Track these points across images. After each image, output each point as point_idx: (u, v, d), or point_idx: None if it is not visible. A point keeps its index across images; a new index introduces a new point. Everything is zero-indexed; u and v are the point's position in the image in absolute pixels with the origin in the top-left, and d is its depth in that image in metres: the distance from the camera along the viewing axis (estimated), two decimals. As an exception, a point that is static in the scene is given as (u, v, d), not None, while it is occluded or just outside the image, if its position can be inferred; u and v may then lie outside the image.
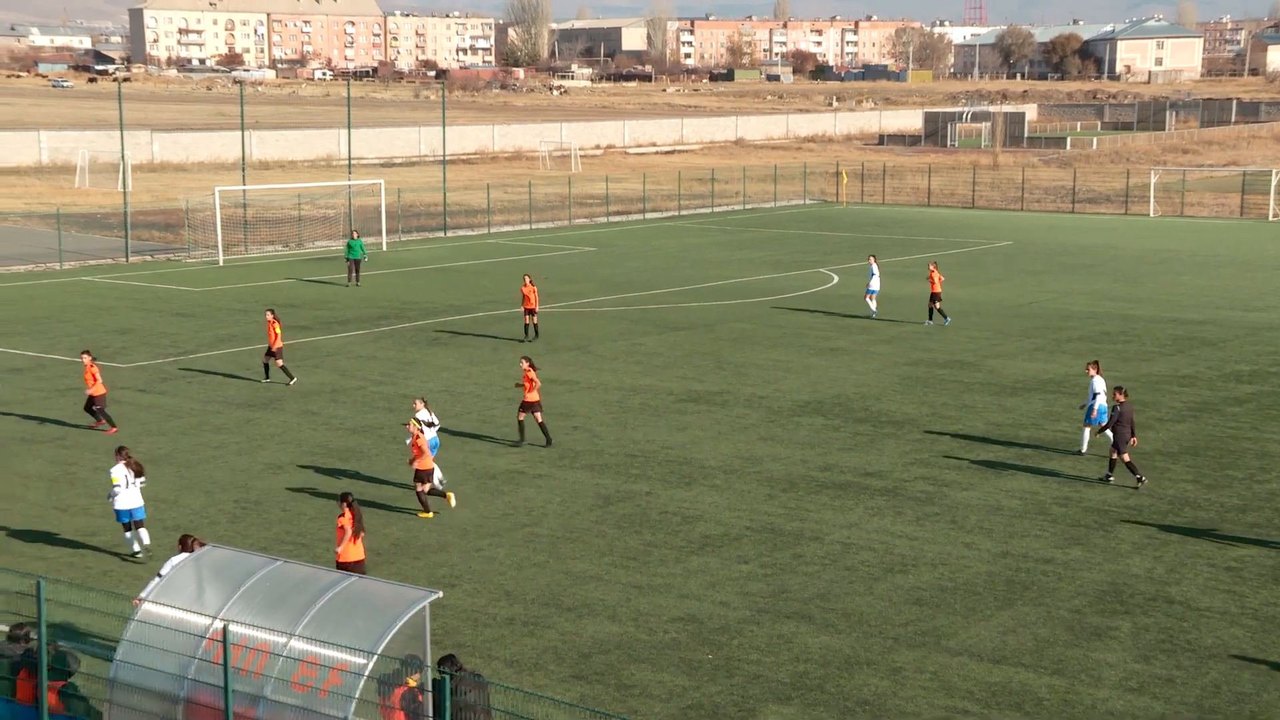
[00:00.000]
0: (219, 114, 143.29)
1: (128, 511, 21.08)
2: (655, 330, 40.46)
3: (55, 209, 60.85)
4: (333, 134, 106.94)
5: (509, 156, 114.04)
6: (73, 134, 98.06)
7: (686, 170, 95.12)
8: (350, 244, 48.63)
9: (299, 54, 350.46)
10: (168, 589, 14.61)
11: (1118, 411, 24.83)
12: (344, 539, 18.65)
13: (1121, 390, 25.21)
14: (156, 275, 50.20)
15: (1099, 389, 26.53)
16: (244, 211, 60.54)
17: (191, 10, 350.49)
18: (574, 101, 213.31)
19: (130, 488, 21.07)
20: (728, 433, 28.82)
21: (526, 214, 69.84)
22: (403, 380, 33.47)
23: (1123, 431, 24.68)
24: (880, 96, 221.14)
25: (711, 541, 22.10)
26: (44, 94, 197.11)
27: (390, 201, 61.79)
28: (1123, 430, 24.68)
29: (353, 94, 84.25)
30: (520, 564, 21.00)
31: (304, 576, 14.58)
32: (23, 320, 40.71)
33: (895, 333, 40.06)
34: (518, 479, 25.41)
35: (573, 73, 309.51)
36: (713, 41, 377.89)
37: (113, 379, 33.04)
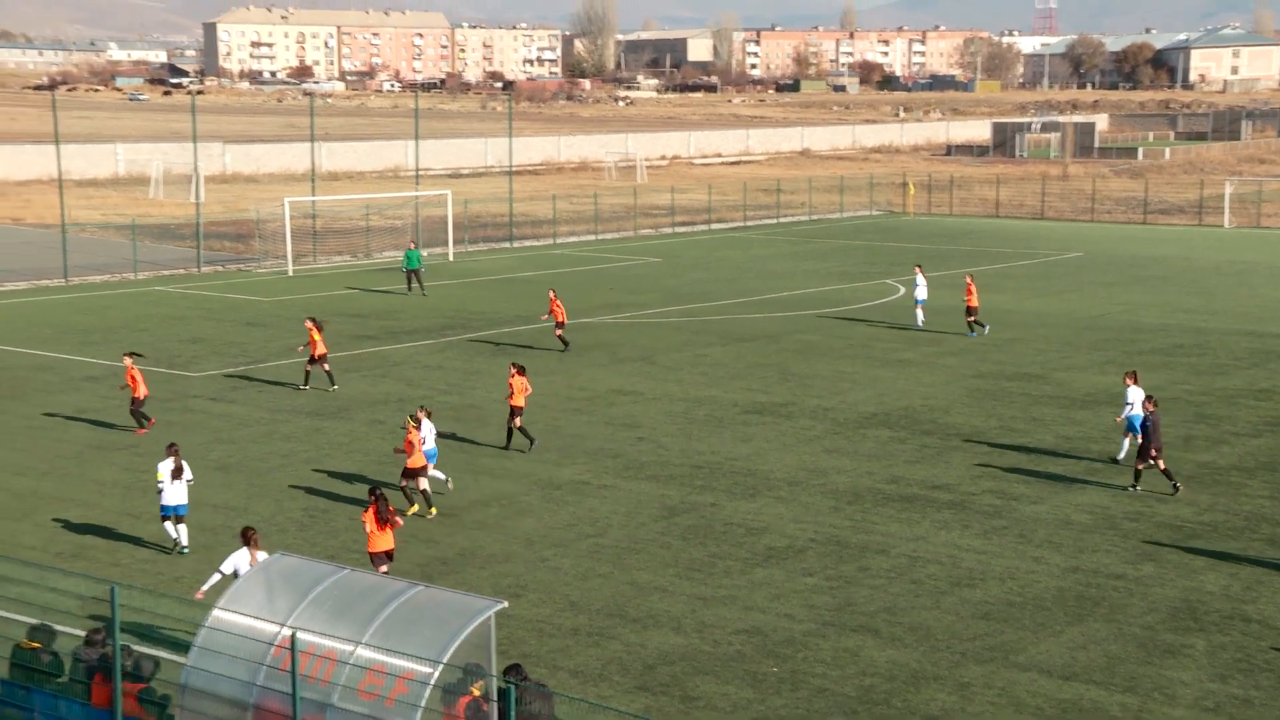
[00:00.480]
0: (289, 126, 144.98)
1: (172, 507, 21.73)
2: (720, 341, 40.39)
3: (130, 220, 61.79)
4: (400, 145, 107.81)
5: (575, 167, 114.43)
6: (148, 146, 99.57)
7: (752, 181, 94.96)
8: (408, 254, 49.15)
9: (368, 66, 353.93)
10: (238, 596, 14.75)
11: (1150, 421, 24.88)
12: (370, 532, 19.50)
13: (1152, 400, 25.35)
14: (227, 285, 50.82)
15: (1132, 399, 26.52)
16: (313, 222, 61.15)
17: (264, 24, 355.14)
18: (640, 112, 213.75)
19: (176, 484, 21.67)
20: (793, 444, 28.69)
21: (592, 225, 70.03)
22: (468, 390, 33.64)
23: (1153, 440, 24.76)
24: (947, 107, 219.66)
25: (776, 553, 22.00)
26: (121, 107, 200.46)
27: (457, 212, 62.18)
28: (1153, 439, 24.76)
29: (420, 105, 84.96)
30: (585, 574, 21.01)
31: (371, 585, 14.67)
32: (99, 329, 41.35)
33: (963, 345, 39.73)
34: (583, 489, 25.44)
35: (638, 84, 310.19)
36: (778, 52, 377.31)
37: (184, 387, 33.48)
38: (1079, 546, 22.30)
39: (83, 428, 29.52)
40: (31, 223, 68.32)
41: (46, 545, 22.10)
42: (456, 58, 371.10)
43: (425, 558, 21.70)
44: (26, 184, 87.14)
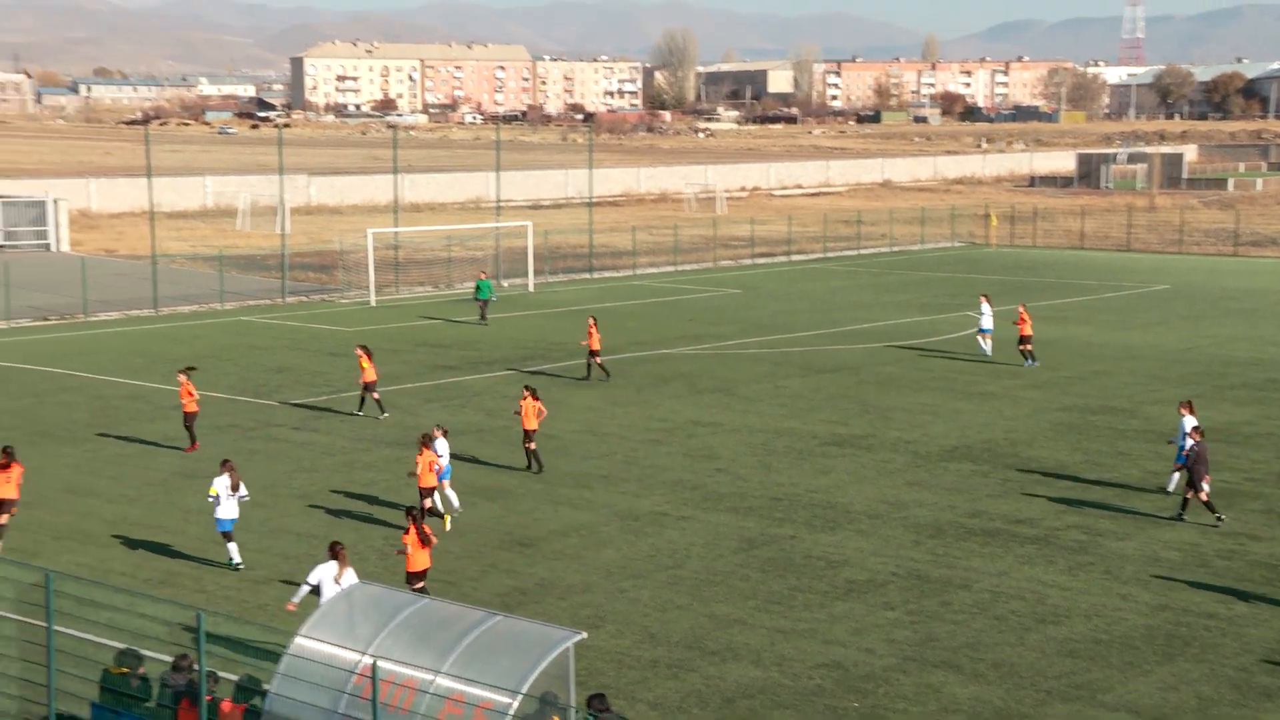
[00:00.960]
0: (373, 158, 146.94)
1: (227, 521, 22.34)
2: (800, 373, 40.21)
3: (218, 251, 62.86)
4: (482, 177, 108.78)
5: (654, 199, 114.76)
6: (235, 178, 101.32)
7: (832, 212, 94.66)
8: (479, 284, 49.72)
9: (450, 99, 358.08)
10: (320, 623, 14.87)
11: (1195, 451, 24.75)
12: (409, 551, 19.97)
13: (1199, 430, 25.20)
14: (311, 315, 51.48)
15: (1187, 428, 26.14)
16: (395, 253, 61.82)
17: (349, 58, 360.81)
18: (719, 144, 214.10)
19: (229, 500, 22.21)
20: (873, 477, 28.46)
21: (671, 256, 70.13)
22: (548, 420, 33.71)
23: (1199, 470, 24.64)
24: (1031, 138, 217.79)
25: (857, 587, 21.80)
26: (210, 141, 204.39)
27: (537, 243, 62.58)
28: (1198, 469, 24.65)
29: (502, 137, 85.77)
30: (664, 606, 20.95)
31: (450, 614, 14.73)
32: (186, 359, 41.99)
33: (1047, 378, 39.23)
34: (661, 520, 25.40)
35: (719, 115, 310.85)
36: (859, 83, 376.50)
37: (268, 416, 33.92)
38: (1168, 584, 21.86)
39: (170, 456, 29.99)
40: (124, 254, 69.73)
41: (135, 571, 22.44)
42: (538, 90, 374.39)
43: (505, 588, 21.75)
44: (119, 216, 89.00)
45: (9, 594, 19.77)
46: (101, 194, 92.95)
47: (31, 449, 30.31)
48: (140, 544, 23.86)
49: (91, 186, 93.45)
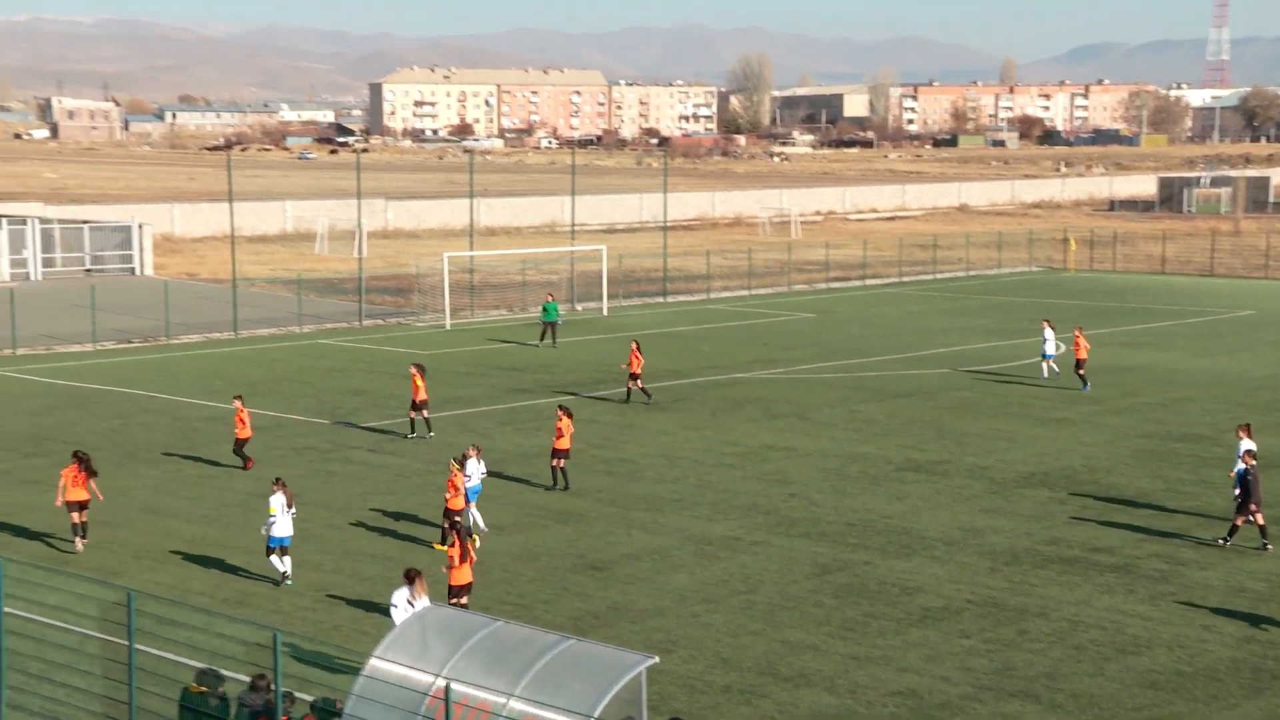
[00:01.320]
0: (449, 182, 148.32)
1: (279, 539, 22.86)
2: (874, 397, 39.96)
3: (296, 274, 63.69)
4: (557, 201, 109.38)
5: (729, 223, 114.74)
6: (314, 203, 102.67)
7: (908, 236, 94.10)
8: (546, 307, 50.01)
9: (526, 124, 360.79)
10: (394, 645, 14.96)
11: (1249, 475, 24.65)
12: (453, 566, 20.38)
13: (1251, 454, 25.15)
14: (387, 338, 51.96)
15: (1241, 451, 25.94)
16: (471, 276, 62.28)
17: (427, 84, 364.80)
18: (795, 168, 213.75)
19: (285, 516, 22.82)
20: (948, 503, 28.19)
21: (746, 280, 70.05)
22: (620, 444, 33.78)
23: (1253, 494, 24.53)
24: (1111, 161, 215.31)
25: (932, 614, 21.58)
26: (290, 166, 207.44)
27: (612, 267, 62.77)
28: (1253, 493, 24.54)
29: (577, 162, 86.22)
30: (737, 631, 20.86)
31: (523, 637, 14.76)
32: (265, 381, 42.58)
33: (1127, 404, 38.68)
34: (734, 545, 25.31)
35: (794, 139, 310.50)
36: (936, 107, 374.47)
37: (344, 439, 34.25)
38: (1254, 615, 21.42)
39: (247, 477, 30.35)
40: (205, 278, 70.86)
41: (213, 591, 22.73)
42: (613, 115, 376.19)
43: (577, 611, 21.77)
44: (202, 240, 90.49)
45: (92, 612, 20.10)
46: (184, 219, 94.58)
47: (116, 469, 30.84)
48: (218, 564, 24.17)
49: (175, 211, 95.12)
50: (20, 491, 28.90)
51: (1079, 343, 40.78)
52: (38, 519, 26.78)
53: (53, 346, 48.47)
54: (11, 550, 24.07)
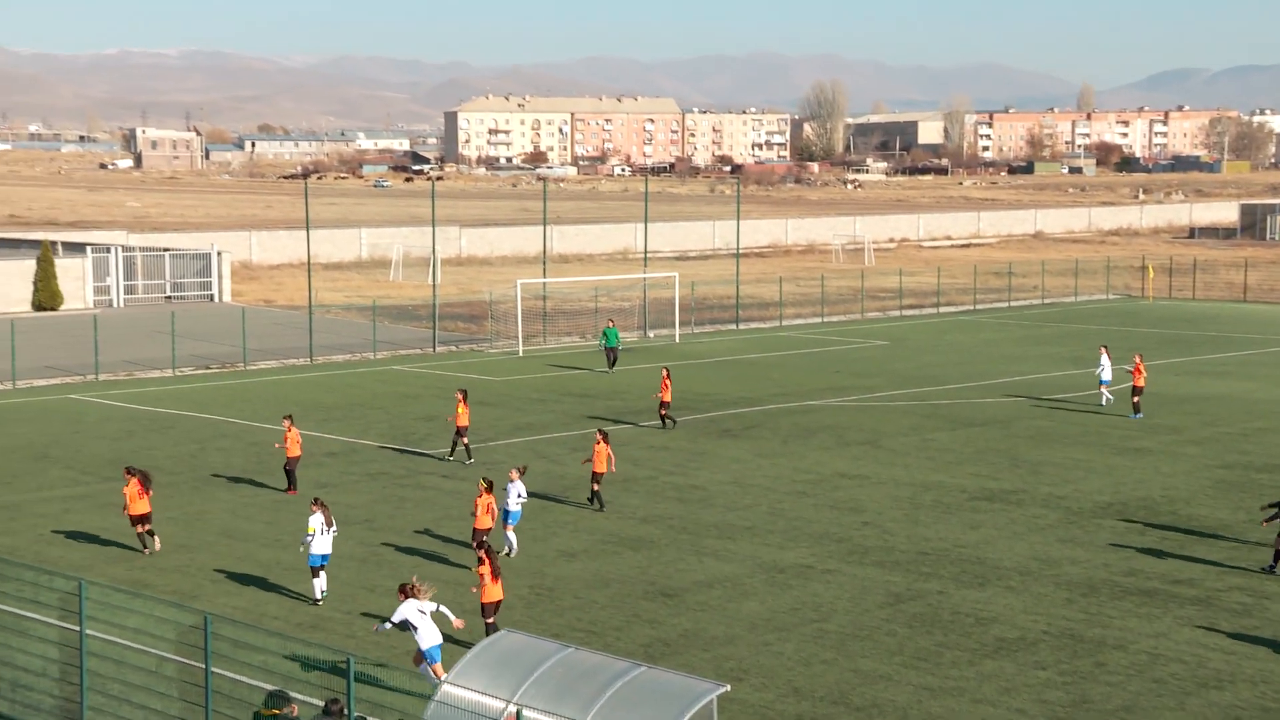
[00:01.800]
0: (523, 209, 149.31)
1: (320, 556, 23.36)
2: (948, 426, 39.61)
3: (371, 301, 64.33)
4: (629, 228, 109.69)
5: (801, 250, 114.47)
6: (389, 230, 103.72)
7: (982, 264, 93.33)
8: (606, 332, 50.30)
9: (600, 151, 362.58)
10: (466, 670, 15.02)
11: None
12: (485, 584, 20.84)
13: None
14: (460, 365, 52.30)
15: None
16: (543, 303, 62.59)
17: (501, 112, 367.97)
18: (868, 195, 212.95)
19: (324, 536, 23.35)
20: (1023, 533, 27.85)
21: (818, 307, 69.80)
22: (693, 471, 33.73)
23: None
24: (1191, 188, 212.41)
25: (1006, 645, 21.30)
26: (366, 193, 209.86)
27: (684, 294, 62.83)
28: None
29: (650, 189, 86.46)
30: (808, 660, 20.71)
31: (594, 664, 14.75)
32: (339, 407, 43.00)
33: (1208, 434, 38.03)
34: (806, 573, 25.16)
35: (867, 166, 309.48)
36: (1012, 134, 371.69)
37: (417, 465, 34.49)
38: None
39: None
40: (282, 304, 71.79)
41: (288, 615, 22.94)
42: (686, 142, 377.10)
43: (648, 638, 21.73)
44: (278, 267, 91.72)
45: (169, 635, 20.36)
46: (262, 246, 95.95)
47: (193, 494, 31.28)
48: (292, 588, 24.39)
49: (253, 239, 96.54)
50: (100, 515, 29.38)
51: (1139, 369, 40.59)
52: (118, 542, 27.19)
53: (133, 372, 49.29)
54: (92, 573, 24.46)
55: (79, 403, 43.29)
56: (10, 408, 42.32)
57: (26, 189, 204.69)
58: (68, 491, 31.50)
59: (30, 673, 19.04)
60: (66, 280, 68.10)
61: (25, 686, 18.83)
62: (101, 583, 22.19)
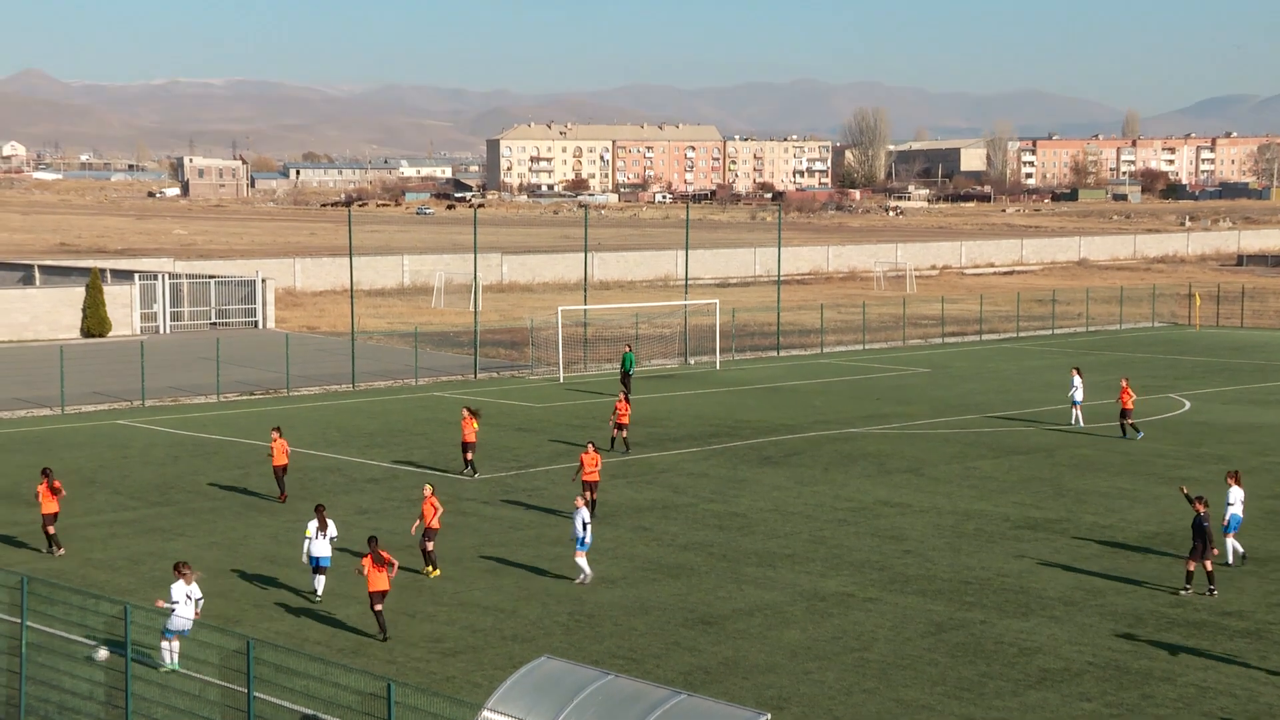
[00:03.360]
0: (564, 237, 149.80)
1: (316, 559, 25.07)
2: (991, 454, 39.35)
3: (413, 327, 64.68)
4: (670, 255, 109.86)
5: (843, 277, 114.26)
6: (431, 257, 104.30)
7: (1026, 291, 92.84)
8: (625, 357, 50.69)
9: (641, 178, 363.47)
10: (506, 698, 15.01)
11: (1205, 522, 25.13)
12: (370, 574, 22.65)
13: (1202, 500, 25.49)
14: (501, 391, 52.44)
15: (1234, 499, 27.03)
16: (584, 330, 62.70)
17: (543, 140, 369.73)
18: (910, 222, 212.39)
19: (319, 539, 24.99)
20: (1068, 562, 27.60)
21: (859, 334, 69.61)
22: (733, 498, 33.65)
23: (1204, 541, 25.07)
24: (1239, 215, 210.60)
25: (1051, 676, 21.09)
26: (409, 221, 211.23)
27: (725, 321, 62.82)
28: (1204, 540, 25.07)
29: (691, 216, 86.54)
30: (850, 689, 20.58)
31: (634, 692, 14.71)
32: (381, 433, 43.20)
33: (1256, 463, 37.60)
34: (847, 601, 25.02)
35: (909, 193, 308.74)
36: (1055, 161, 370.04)
37: (459, 490, 34.58)
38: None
39: (363, 528, 30.73)
40: (324, 330, 72.26)
41: (329, 640, 23.01)
42: (727, 169, 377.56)
43: (688, 665, 21.66)
44: (322, 294, 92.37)
45: (213, 659, 20.47)
46: (305, 273, 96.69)
47: (237, 520, 31.48)
48: (334, 614, 24.47)
49: (296, 266, 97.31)
50: (145, 540, 29.60)
51: (1126, 392, 41.37)
52: (164, 568, 27.38)
53: (179, 398, 49.71)
54: (136, 597, 24.63)
55: (126, 428, 43.70)
56: (59, 433, 42.76)
57: (77, 217, 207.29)
58: (114, 516, 31.77)
59: (77, 696, 19.18)
60: (115, 307, 68.85)
61: (72, 710, 18.97)
62: (146, 607, 22.34)
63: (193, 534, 30.09)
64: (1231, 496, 27.36)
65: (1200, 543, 24.99)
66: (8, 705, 19.42)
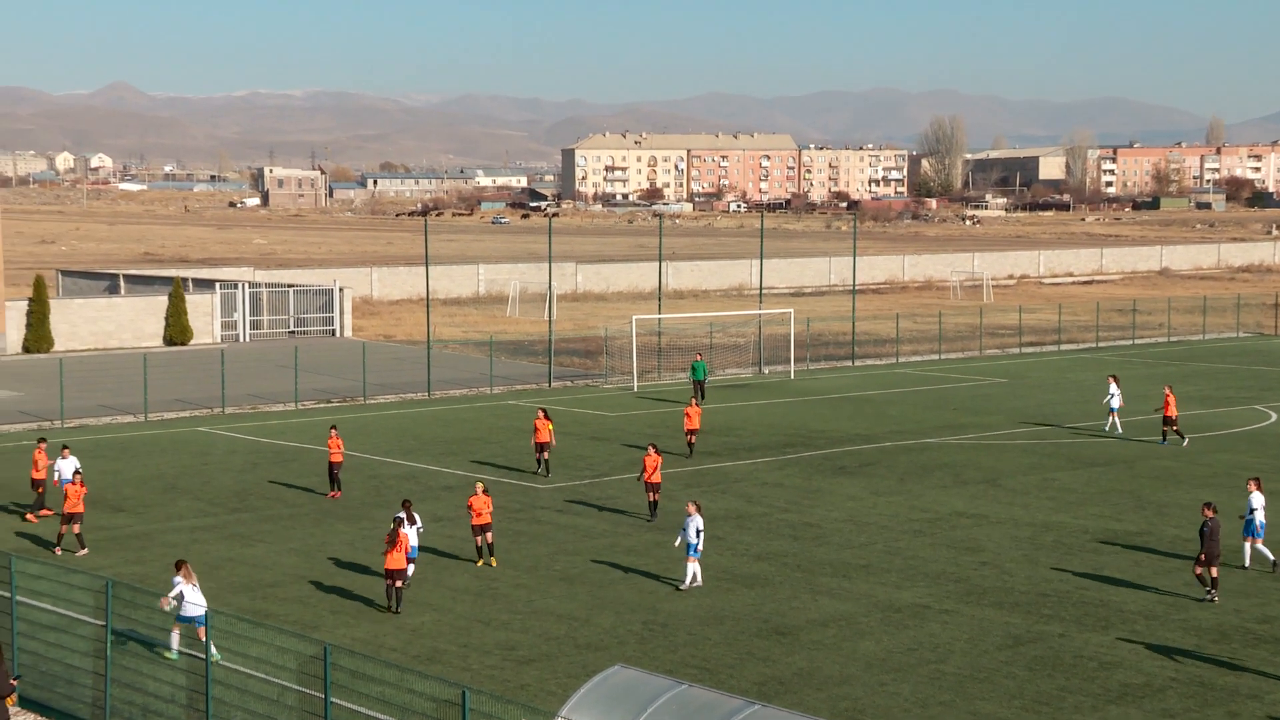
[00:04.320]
0: (638, 246, 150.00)
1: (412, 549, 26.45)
2: (1069, 465, 38.84)
3: (488, 336, 65.05)
4: (745, 264, 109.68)
5: (919, 286, 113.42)
6: (506, 266, 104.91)
7: (1105, 301, 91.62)
8: (695, 365, 51.08)
9: (716, 187, 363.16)
10: (580, 706, 15.03)
11: (1207, 527, 25.39)
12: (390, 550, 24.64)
13: (1211, 506, 25.84)
14: (575, 400, 52.58)
15: (1256, 504, 27.62)
16: (658, 339, 62.72)
17: (618, 149, 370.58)
18: (987, 231, 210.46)
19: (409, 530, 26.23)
20: (1149, 575, 27.17)
21: (935, 344, 69.04)
22: (808, 508, 33.49)
23: (1211, 546, 25.28)
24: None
25: (1131, 691, 20.76)
26: (484, 230, 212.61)
27: (799, 330, 62.58)
28: (1210, 545, 25.28)
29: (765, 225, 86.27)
30: (925, 702, 20.39)
31: (708, 701, 14.67)
32: (455, 441, 43.48)
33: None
34: (923, 613, 24.80)
35: (986, 202, 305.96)
36: (1137, 169, 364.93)
37: (532, 499, 34.72)
38: None
39: (438, 536, 30.95)
40: (400, 339, 72.89)
41: (405, 648, 23.18)
42: (802, 178, 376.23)
43: (762, 676, 21.57)
44: (398, 303, 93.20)
45: (290, 664, 20.69)
46: (382, 282, 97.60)
47: (314, 526, 31.82)
48: (410, 621, 24.65)
49: (373, 275, 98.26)
50: (225, 546, 30.00)
51: (1168, 400, 41.75)
52: (242, 573, 27.76)
53: (258, 405, 50.35)
54: (217, 603, 24.96)
55: (206, 435, 44.34)
56: (142, 439, 43.48)
57: (161, 227, 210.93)
58: (195, 522, 32.23)
59: (160, 699, 19.47)
60: (196, 316, 69.92)
61: (155, 713, 19.27)
62: (226, 612, 22.65)
63: (271, 540, 30.45)
64: (1254, 502, 27.68)
65: (1209, 547, 25.32)
66: (94, 706, 19.76)
